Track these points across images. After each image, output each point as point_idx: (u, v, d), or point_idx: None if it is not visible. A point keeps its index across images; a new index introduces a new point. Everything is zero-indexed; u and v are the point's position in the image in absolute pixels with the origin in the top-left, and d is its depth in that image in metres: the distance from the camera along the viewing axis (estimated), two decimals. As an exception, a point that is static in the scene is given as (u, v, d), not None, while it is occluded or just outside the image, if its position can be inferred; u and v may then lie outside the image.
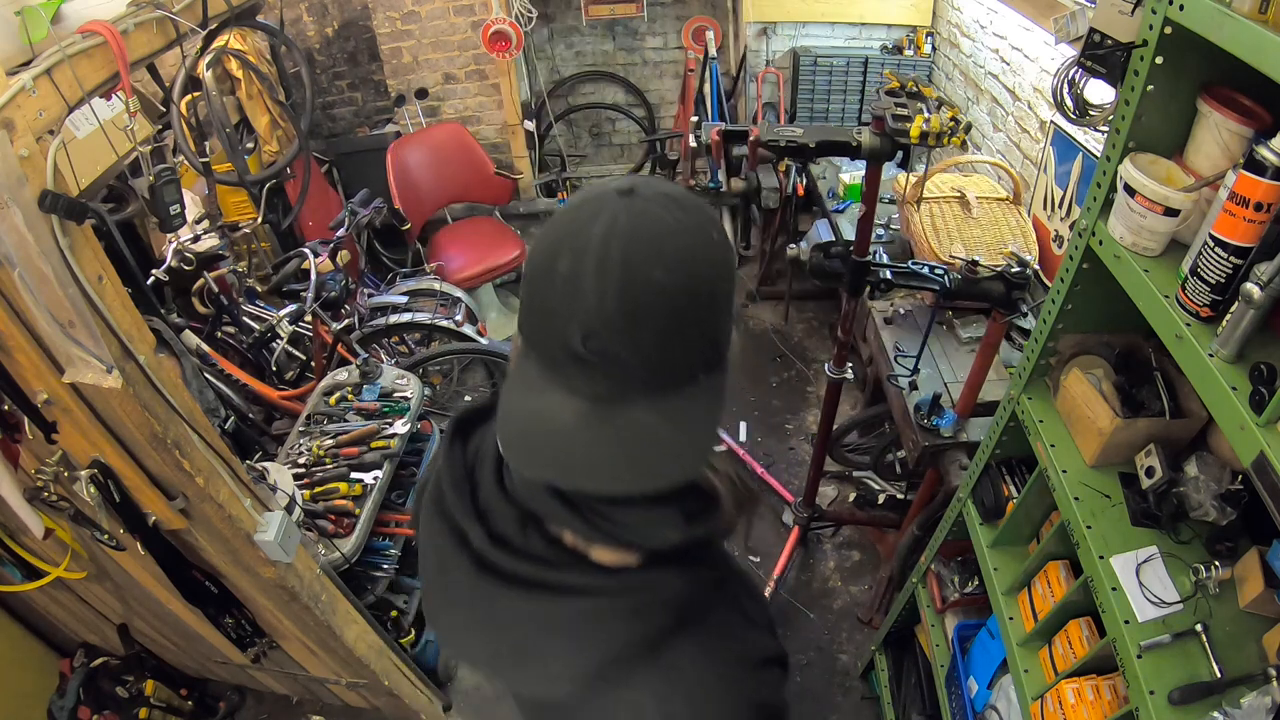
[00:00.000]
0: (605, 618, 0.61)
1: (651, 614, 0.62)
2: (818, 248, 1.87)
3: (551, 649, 0.62)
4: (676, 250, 0.53)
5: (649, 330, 0.51)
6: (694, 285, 0.53)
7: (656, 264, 0.51)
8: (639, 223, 0.52)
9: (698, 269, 0.53)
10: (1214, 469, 1.11)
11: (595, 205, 0.53)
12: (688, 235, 0.53)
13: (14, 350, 1.15)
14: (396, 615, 2.28)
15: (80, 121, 1.09)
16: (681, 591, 0.63)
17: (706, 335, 0.56)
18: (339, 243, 2.81)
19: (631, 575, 0.63)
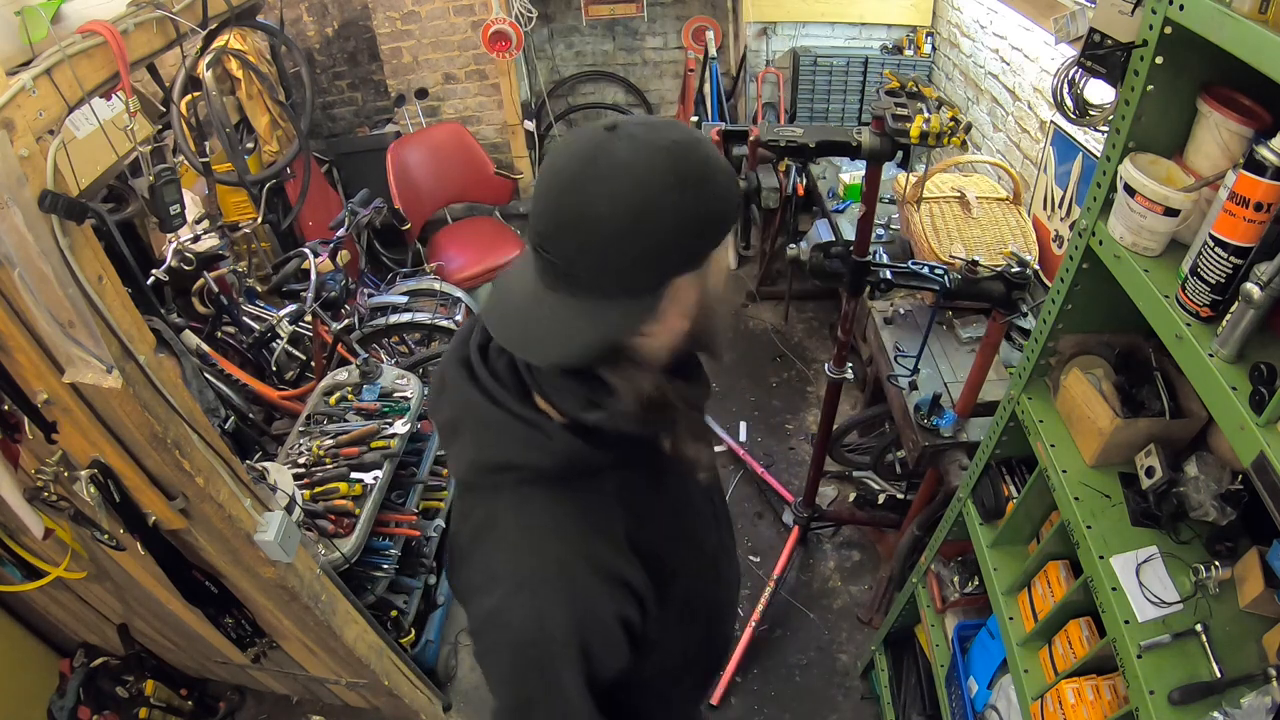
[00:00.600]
0: (504, 430, 0.78)
1: (534, 450, 0.77)
2: (818, 248, 1.87)
3: (467, 434, 0.82)
4: (622, 190, 0.67)
5: (577, 244, 0.69)
6: (628, 222, 0.68)
7: (601, 197, 0.67)
8: (601, 156, 0.68)
9: (640, 210, 0.68)
10: (1214, 469, 1.11)
11: (582, 137, 0.70)
12: (641, 179, 0.67)
13: (14, 350, 1.15)
14: (396, 615, 2.28)
15: (80, 121, 1.09)
16: (569, 452, 0.77)
17: (634, 263, 0.70)
18: (339, 243, 2.81)
19: (546, 421, 0.78)
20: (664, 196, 0.68)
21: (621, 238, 0.68)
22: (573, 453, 0.77)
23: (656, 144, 0.69)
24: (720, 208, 0.73)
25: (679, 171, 0.69)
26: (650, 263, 0.71)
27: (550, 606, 0.78)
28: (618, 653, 0.83)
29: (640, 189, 0.67)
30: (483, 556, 0.83)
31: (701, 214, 0.71)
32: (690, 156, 0.70)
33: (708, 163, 0.71)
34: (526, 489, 0.80)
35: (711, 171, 0.72)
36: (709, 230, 0.73)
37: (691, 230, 0.71)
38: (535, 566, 0.78)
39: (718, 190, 0.72)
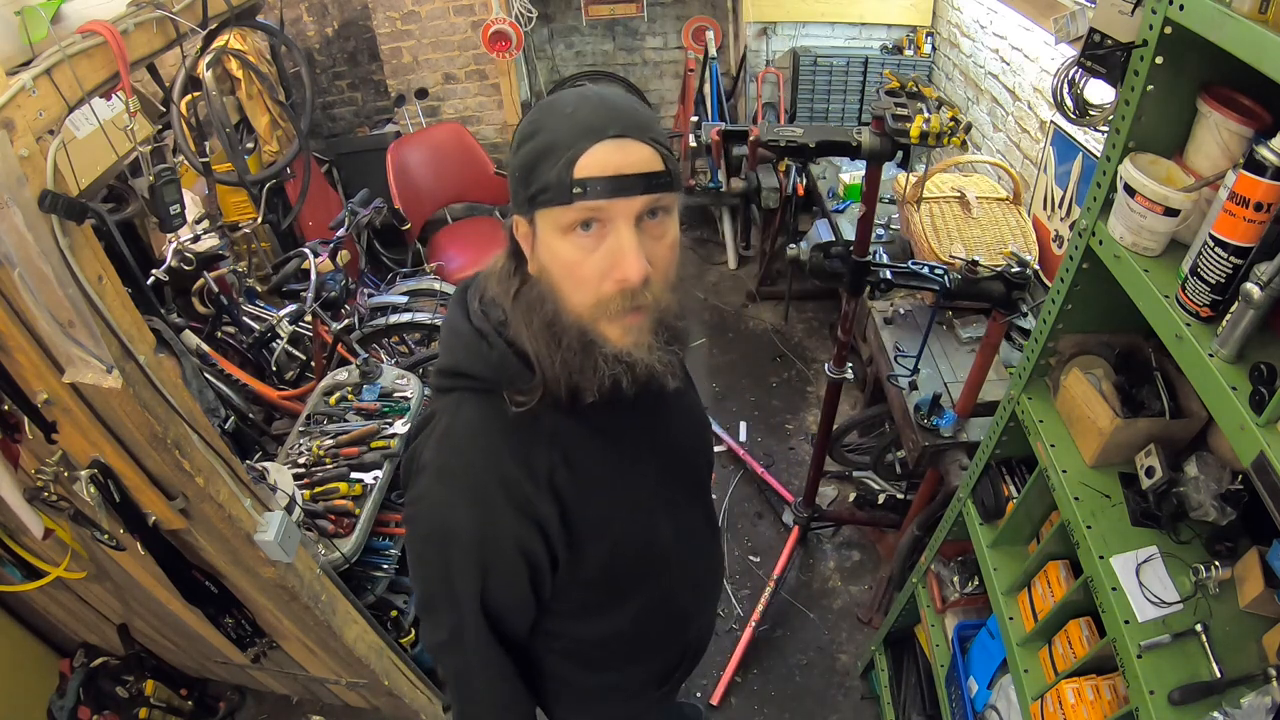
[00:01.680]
0: (462, 339, 0.89)
1: (478, 359, 0.88)
2: (818, 248, 1.87)
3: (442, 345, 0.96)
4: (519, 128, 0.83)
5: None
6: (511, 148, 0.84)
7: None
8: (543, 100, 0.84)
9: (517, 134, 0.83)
10: (1214, 469, 1.11)
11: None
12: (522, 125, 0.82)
13: (14, 350, 1.15)
14: (396, 615, 2.28)
15: (80, 121, 1.09)
16: (502, 361, 0.86)
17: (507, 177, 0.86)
18: (339, 243, 2.81)
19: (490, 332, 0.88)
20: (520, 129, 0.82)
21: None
22: (504, 361, 0.86)
23: (549, 98, 0.82)
24: (516, 169, 0.81)
25: (525, 122, 0.82)
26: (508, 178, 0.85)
27: (457, 504, 0.88)
28: (516, 587, 0.92)
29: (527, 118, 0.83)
30: (416, 446, 0.94)
31: (514, 163, 0.82)
32: (534, 117, 0.81)
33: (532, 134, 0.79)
34: (466, 395, 0.90)
35: (527, 138, 0.80)
36: (512, 182, 0.83)
37: (508, 172, 0.84)
38: (451, 462, 0.89)
39: (528, 150, 0.79)
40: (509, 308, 0.87)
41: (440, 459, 0.89)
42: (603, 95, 0.80)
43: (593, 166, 0.76)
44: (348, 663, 1.98)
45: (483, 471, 0.87)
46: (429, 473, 0.89)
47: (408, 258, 3.71)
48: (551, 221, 0.79)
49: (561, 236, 0.79)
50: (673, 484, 1.07)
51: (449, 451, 0.89)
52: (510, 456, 0.87)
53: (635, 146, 0.77)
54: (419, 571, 0.94)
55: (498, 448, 0.87)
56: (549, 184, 0.77)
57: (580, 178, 0.76)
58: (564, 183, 0.76)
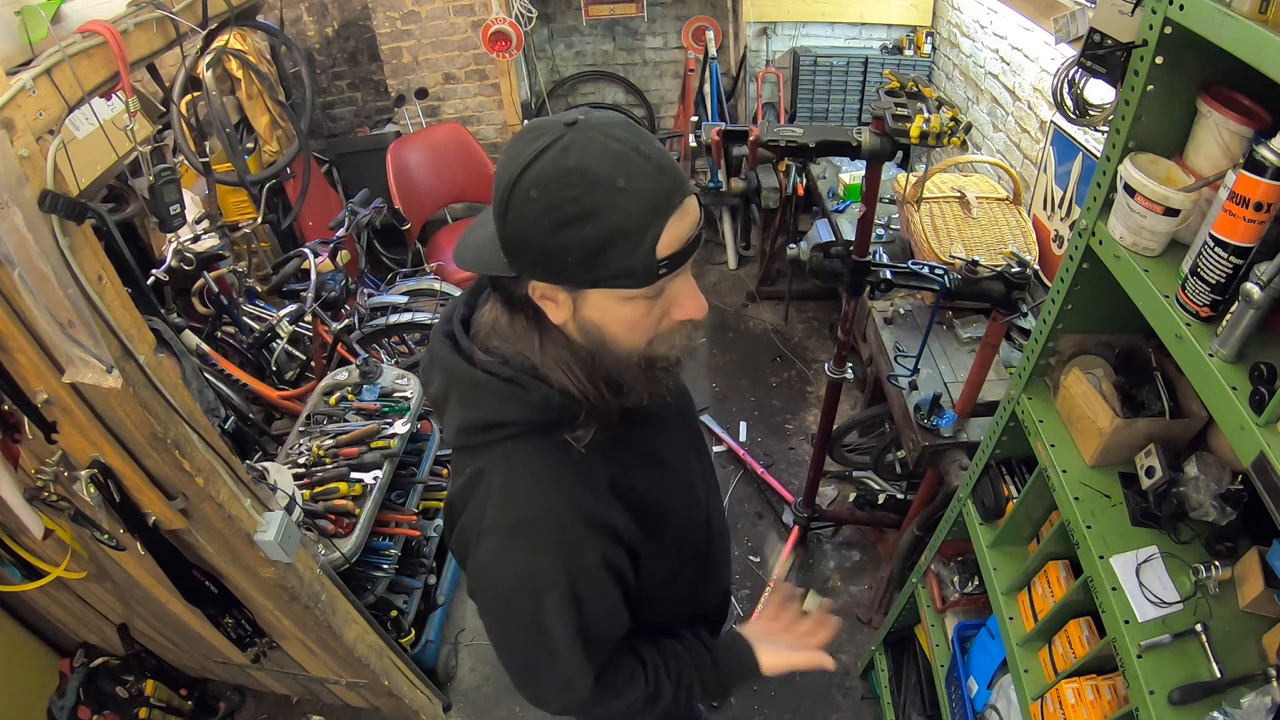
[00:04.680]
0: (486, 389, 0.84)
1: (513, 404, 0.83)
2: (818, 248, 1.87)
3: (454, 399, 0.87)
4: (511, 165, 0.72)
5: (504, 220, 0.75)
6: (497, 197, 0.74)
7: (529, 195, 0.71)
8: (545, 133, 0.72)
9: (504, 196, 0.73)
10: (1214, 469, 1.10)
11: (544, 130, 0.72)
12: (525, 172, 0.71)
13: (14, 350, 1.15)
14: (396, 615, 2.28)
15: (80, 121, 1.09)
16: (544, 401, 0.82)
17: (500, 233, 0.77)
18: (339, 243, 2.81)
19: (522, 376, 0.83)
20: (526, 205, 0.71)
21: (495, 202, 0.76)
22: (548, 401, 0.83)
23: (569, 162, 0.70)
24: (570, 253, 0.72)
25: (553, 195, 0.70)
26: (510, 248, 0.76)
27: (541, 553, 0.84)
28: (609, 602, 0.90)
29: (516, 180, 0.71)
30: (473, 509, 0.88)
31: (560, 244, 0.72)
32: (576, 194, 0.70)
33: (588, 215, 0.70)
34: (511, 444, 0.85)
35: (583, 219, 0.70)
36: (557, 261, 0.73)
37: (538, 248, 0.73)
38: (522, 516, 0.84)
39: (589, 236, 0.71)
40: (538, 359, 0.83)
41: (512, 515, 0.84)
42: (641, 150, 0.72)
43: (672, 243, 0.74)
44: (348, 663, 1.98)
45: (561, 510, 0.84)
46: (499, 532, 0.85)
47: (408, 258, 3.71)
48: (618, 295, 0.77)
49: (625, 302, 0.77)
50: (688, 446, 1.10)
51: (518, 505, 0.84)
52: (579, 485, 0.86)
53: (691, 205, 0.76)
54: (509, 634, 0.90)
55: (564, 482, 0.85)
56: (629, 270, 0.73)
57: (664, 257, 0.73)
58: (650, 267, 0.73)
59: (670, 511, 0.96)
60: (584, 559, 0.85)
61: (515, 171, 0.71)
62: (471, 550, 0.87)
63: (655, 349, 0.83)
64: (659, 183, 0.72)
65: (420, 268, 3.55)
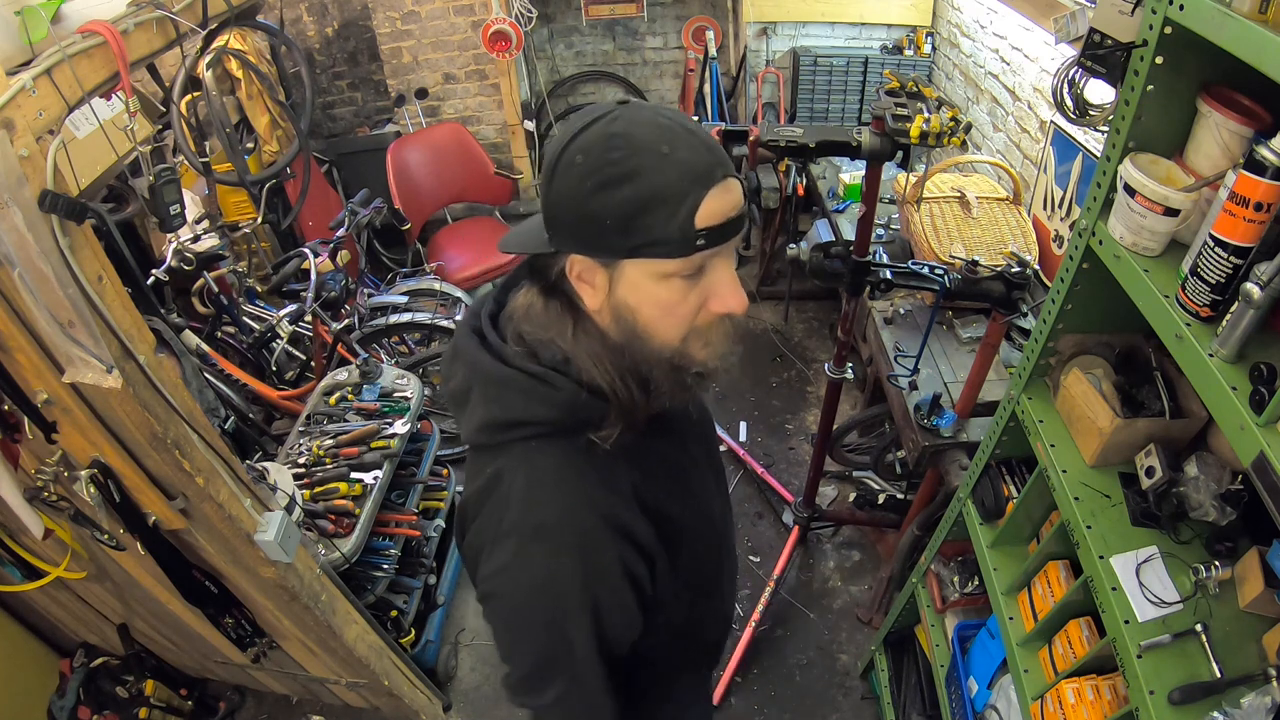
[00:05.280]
0: (512, 386, 0.81)
1: (539, 403, 0.80)
2: (818, 248, 1.87)
3: (478, 395, 0.84)
4: (561, 140, 0.74)
5: (548, 190, 0.76)
6: (545, 170, 0.76)
7: (574, 160, 0.72)
8: (595, 109, 0.74)
9: (552, 167, 0.74)
10: (1214, 469, 1.10)
11: (595, 109, 0.75)
12: (575, 141, 0.73)
13: (14, 350, 1.15)
14: (396, 615, 2.28)
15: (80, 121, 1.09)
16: (572, 400, 0.79)
17: (545, 206, 0.77)
18: (339, 243, 2.81)
19: (551, 374, 0.80)
20: (571, 170, 0.72)
21: (542, 177, 0.77)
22: (576, 400, 0.79)
23: (615, 128, 0.71)
24: (608, 215, 0.71)
25: (597, 158, 0.71)
26: (551, 218, 0.76)
27: (562, 557, 0.80)
28: (627, 612, 0.86)
29: (564, 147, 0.73)
30: (490, 512, 0.84)
31: (599, 207, 0.71)
32: (618, 156, 0.70)
33: (628, 177, 0.70)
34: (535, 443, 0.82)
35: (622, 181, 0.70)
36: (595, 227, 0.73)
37: (577, 214, 0.73)
38: (544, 518, 0.81)
39: (626, 197, 0.70)
40: (570, 348, 0.80)
41: (532, 519, 0.81)
42: (687, 127, 0.74)
43: (711, 215, 0.72)
44: (348, 663, 1.98)
45: (583, 514, 0.81)
46: (517, 537, 0.81)
47: (408, 258, 3.71)
48: (652, 270, 0.74)
49: (661, 281, 0.75)
50: (706, 465, 1.06)
51: (539, 508, 0.81)
52: (602, 489, 0.82)
53: (734, 185, 0.74)
54: (526, 638, 0.85)
55: (587, 485, 0.82)
56: (666, 237, 0.71)
57: (702, 228, 0.72)
58: (687, 236, 0.71)
59: (687, 528, 0.92)
60: (604, 562, 0.82)
61: (564, 141, 0.73)
62: (487, 553, 0.84)
63: (690, 347, 0.80)
64: (702, 155, 0.72)
65: (420, 268, 3.55)
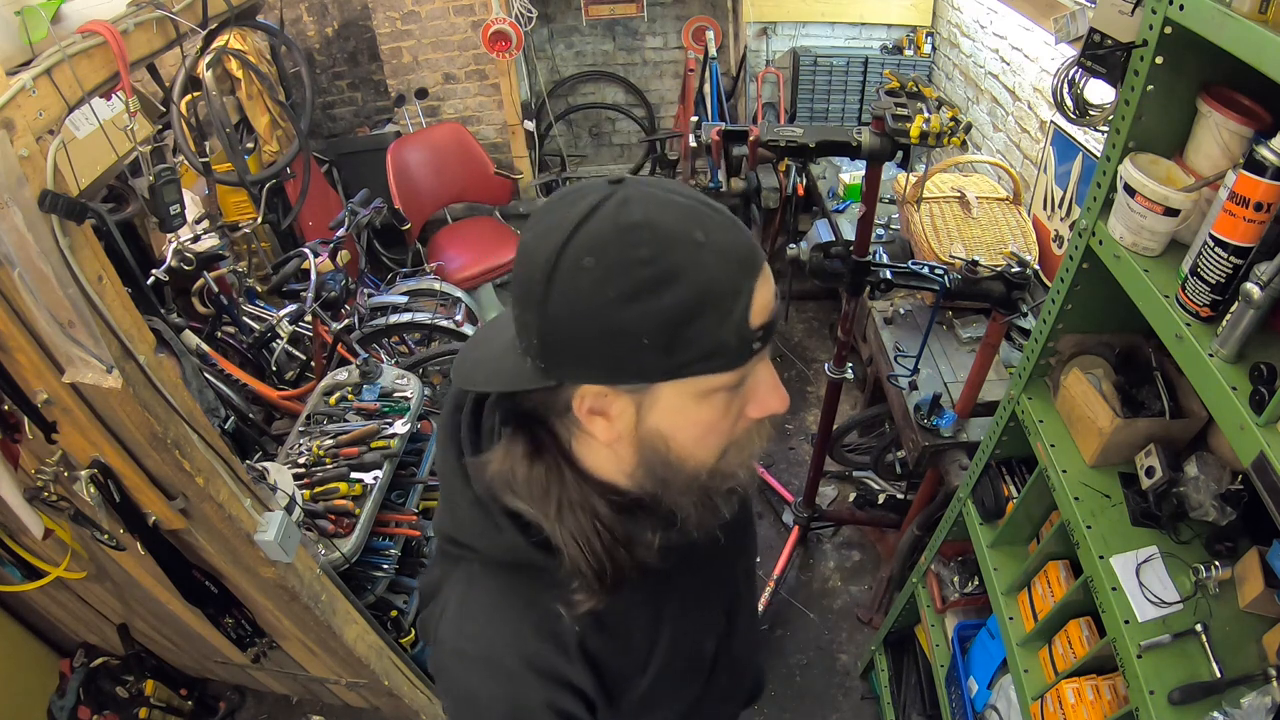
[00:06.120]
0: (465, 510, 0.73)
1: (484, 538, 0.73)
2: (818, 248, 1.87)
3: (443, 500, 0.79)
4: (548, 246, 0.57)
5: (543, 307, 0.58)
6: (538, 281, 0.57)
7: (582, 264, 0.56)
8: (580, 200, 0.58)
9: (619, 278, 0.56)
10: (1214, 469, 1.10)
11: (586, 191, 0.59)
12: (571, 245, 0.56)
13: (14, 350, 1.15)
14: (396, 615, 2.28)
15: (80, 121, 1.09)
16: (513, 548, 0.71)
17: (534, 330, 0.60)
18: (339, 243, 2.81)
19: (499, 513, 0.71)
20: (579, 278, 0.56)
21: (525, 290, 0.59)
22: (517, 550, 0.70)
23: (631, 217, 0.56)
24: (647, 331, 0.56)
25: (618, 258, 0.56)
26: (551, 342, 0.59)
27: (481, 686, 0.75)
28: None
29: (561, 249, 0.56)
30: (431, 612, 0.83)
31: (653, 311, 0.56)
32: (648, 254, 0.55)
33: (668, 278, 0.55)
34: (479, 569, 0.76)
35: (661, 284, 0.55)
36: (623, 348, 0.57)
37: (597, 333, 0.57)
38: (466, 648, 0.76)
39: (655, 310, 0.56)
40: (553, 528, 0.68)
41: (456, 643, 0.76)
42: (706, 203, 0.60)
43: (763, 309, 0.60)
44: (348, 663, 1.98)
45: (506, 654, 0.74)
46: (446, 652, 0.77)
47: (408, 258, 3.71)
48: (697, 388, 0.61)
49: (704, 399, 0.62)
50: (716, 598, 0.92)
51: (465, 637, 0.76)
52: (534, 634, 0.74)
53: (769, 274, 0.62)
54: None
55: (518, 626, 0.74)
56: (721, 346, 0.58)
57: (758, 326, 0.59)
58: (745, 340, 0.59)
59: (650, 667, 0.82)
60: (530, 703, 0.74)
61: (558, 241, 0.56)
62: (432, 642, 0.82)
63: (727, 463, 0.68)
64: (739, 237, 0.59)
65: (420, 268, 3.55)
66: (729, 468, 0.69)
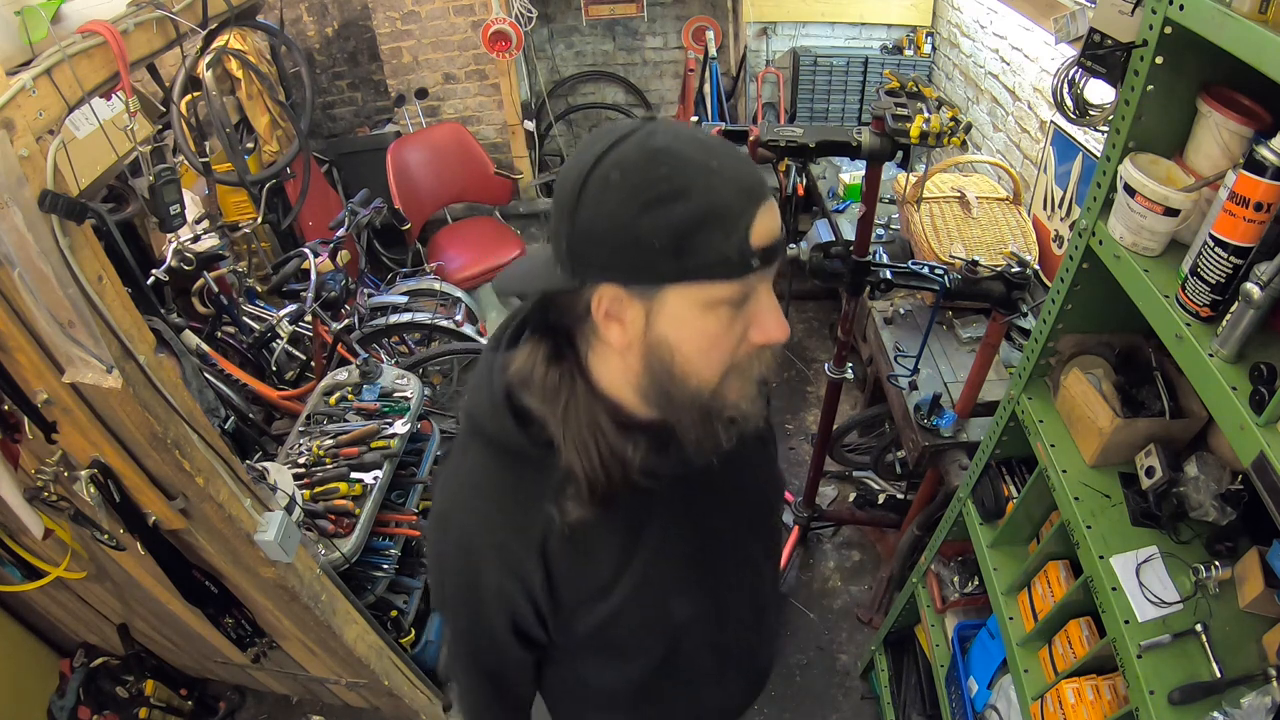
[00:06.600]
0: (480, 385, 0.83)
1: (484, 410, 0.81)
2: (818, 248, 1.86)
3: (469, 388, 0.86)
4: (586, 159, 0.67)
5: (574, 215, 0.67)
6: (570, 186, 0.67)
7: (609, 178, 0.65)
8: (618, 128, 0.68)
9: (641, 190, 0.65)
10: (1214, 469, 1.10)
11: (618, 126, 0.69)
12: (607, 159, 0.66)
13: (14, 350, 1.15)
14: (396, 615, 2.28)
15: (80, 121, 1.09)
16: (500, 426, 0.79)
17: (564, 234, 0.69)
18: (339, 243, 2.81)
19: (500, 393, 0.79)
20: (607, 189, 0.65)
21: (561, 204, 0.69)
22: (518, 442, 0.78)
23: (655, 143, 0.66)
24: (659, 235, 0.65)
25: (641, 174, 0.65)
26: (578, 246, 0.68)
27: (448, 551, 0.85)
28: (498, 629, 0.87)
29: (593, 166, 0.66)
30: (436, 474, 0.95)
31: (648, 226, 0.65)
32: (667, 172, 0.65)
33: (681, 193, 0.64)
34: (482, 447, 0.83)
35: (675, 197, 0.64)
36: (639, 251, 0.66)
37: (619, 237, 0.66)
38: (445, 511, 0.86)
39: (681, 215, 0.64)
40: (557, 431, 0.76)
41: (441, 505, 0.86)
42: (723, 143, 0.70)
43: (764, 233, 0.67)
44: (348, 663, 1.98)
45: (477, 533, 0.82)
46: (434, 513, 0.87)
47: (408, 258, 3.72)
48: (698, 297, 0.68)
49: (707, 310, 0.69)
50: (708, 566, 0.95)
51: (448, 500, 0.86)
52: (506, 522, 0.81)
53: (774, 204, 0.70)
54: (432, 580, 0.94)
55: (493, 507, 0.82)
56: (723, 256, 0.66)
57: (758, 246, 0.67)
58: (745, 254, 0.66)
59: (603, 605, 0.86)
60: (481, 580, 0.82)
61: (589, 161, 0.66)
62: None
63: (727, 388, 0.75)
64: (748, 170, 0.69)
65: (420, 268, 3.56)
66: (730, 393, 0.75)
